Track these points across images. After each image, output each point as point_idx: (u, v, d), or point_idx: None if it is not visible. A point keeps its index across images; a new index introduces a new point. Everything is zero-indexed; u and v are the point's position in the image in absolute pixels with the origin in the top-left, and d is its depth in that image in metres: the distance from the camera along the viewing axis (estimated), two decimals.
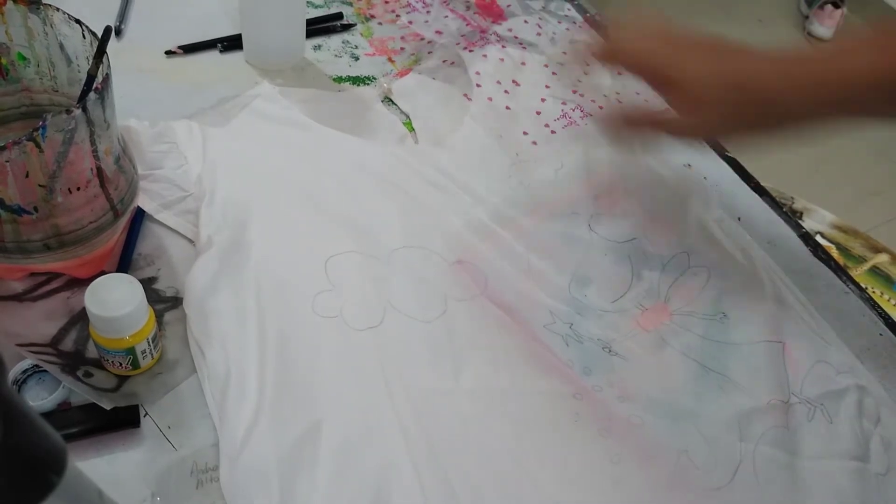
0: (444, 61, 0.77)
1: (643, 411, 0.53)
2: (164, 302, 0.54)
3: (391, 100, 0.73)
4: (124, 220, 0.54)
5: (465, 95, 0.71)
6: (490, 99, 0.72)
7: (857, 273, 1.12)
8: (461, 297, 0.57)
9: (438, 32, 0.81)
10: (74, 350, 0.51)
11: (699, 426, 0.53)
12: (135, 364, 0.49)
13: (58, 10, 0.50)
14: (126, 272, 0.54)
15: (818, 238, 1.01)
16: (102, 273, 0.49)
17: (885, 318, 0.65)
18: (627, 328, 0.58)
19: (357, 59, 0.77)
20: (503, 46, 0.77)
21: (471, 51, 0.76)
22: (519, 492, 0.48)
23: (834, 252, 1.12)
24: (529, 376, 0.53)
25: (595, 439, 0.51)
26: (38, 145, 0.44)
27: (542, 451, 0.50)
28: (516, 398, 0.52)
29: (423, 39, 0.80)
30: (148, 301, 0.48)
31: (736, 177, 0.74)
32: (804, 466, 0.52)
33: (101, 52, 0.48)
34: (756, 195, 0.73)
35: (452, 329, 0.55)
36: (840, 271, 0.68)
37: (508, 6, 0.85)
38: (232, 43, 0.74)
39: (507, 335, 0.55)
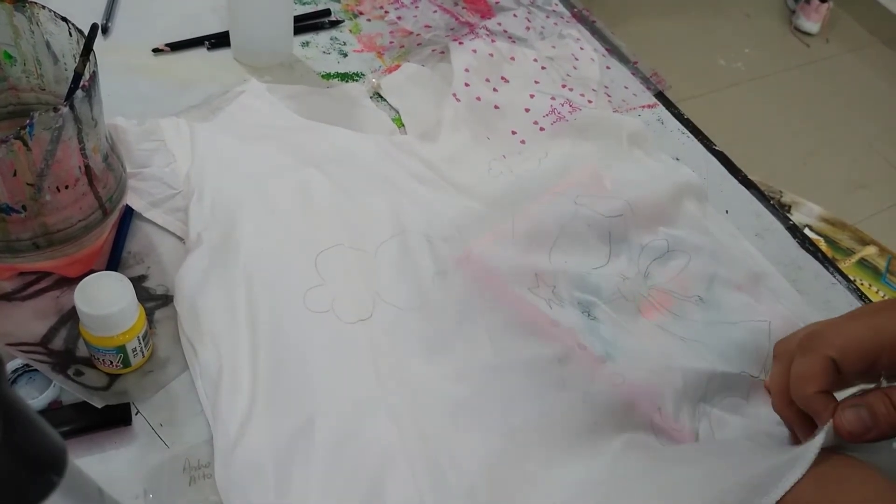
0: (433, 50, 0.77)
1: (624, 369, 0.53)
2: (154, 300, 0.54)
3: (380, 95, 0.73)
4: (113, 219, 0.54)
5: (454, 96, 0.71)
6: (479, 98, 0.72)
7: (846, 265, 1.13)
8: (447, 269, 0.57)
9: (427, 27, 0.81)
10: (65, 349, 0.51)
11: (675, 382, 0.53)
12: (125, 362, 0.49)
13: (44, 7, 0.50)
14: (116, 270, 0.54)
15: (807, 231, 1.02)
16: (92, 272, 0.49)
17: None
18: (608, 293, 0.58)
19: (345, 55, 0.77)
20: (493, 41, 0.78)
21: (461, 43, 0.76)
22: (508, 473, 0.48)
23: (822, 245, 1.13)
24: (515, 345, 0.53)
25: (578, 406, 0.51)
26: (25, 143, 0.44)
27: (530, 425, 0.50)
28: (503, 373, 0.52)
29: (411, 34, 0.80)
30: (138, 299, 0.48)
31: (724, 170, 0.75)
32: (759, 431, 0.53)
33: (87, 50, 0.48)
34: (744, 188, 0.73)
35: (440, 309, 0.55)
36: (827, 262, 0.68)
37: (497, 2, 0.85)
38: (220, 40, 0.74)
39: (493, 302, 0.55)
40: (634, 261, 0.61)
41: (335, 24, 0.79)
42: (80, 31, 0.49)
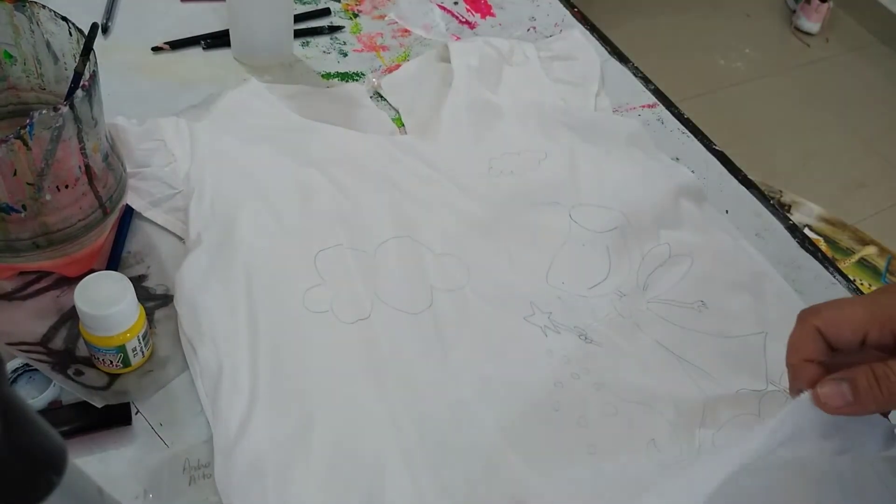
0: (434, 49, 0.77)
1: (617, 399, 0.53)
2: (154, 299, 0.54)
3: (380, 95, 0.73)
4: (113, 218, 0.54)
5: (455, 96, 0.71)
6: (478, 98, 0.71)
7: (846, 265, 1.13)
8: (446, 288, 0.57)
9: (427, 27, 0.81)
10: (65, 348, 0.51)
11: (666, 413, 0.53)
12: (125, 362, 0.49)
13: (44, 7, 0.50)
14: (116, 270, 0.54)
15: (806, 231, 1.02)
16: (92, 271, 0.49)
17: None
18: (603, 313, 0.58)
19: (345, 55, 0.77)
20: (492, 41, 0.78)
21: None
22: (506, 480, 0.48)
23: (822, 245, 1.13)
24: (512, 366, 0.54)
25: (573, 429, 0.51)
26: (25, 143, 0.44)
27: (526, 441, 0.50)
28: (501, 387, 0.52)
29: (411, 34, 0.80)
30: (138, 299, 0.48)
31: (724, 170, 0.75)
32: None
33: (87, 50, 0.48)
34: (743, 188, 0.73)
35: (439, 321, 0.55)
36: (827, 262, 0.68)
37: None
38: (219, 39, 0.74)
39: (490, 327, 0.55)
40: (634, 273, 0.61)
41: (335, 29, 0.79)
42: (80, 31, 0.49)
